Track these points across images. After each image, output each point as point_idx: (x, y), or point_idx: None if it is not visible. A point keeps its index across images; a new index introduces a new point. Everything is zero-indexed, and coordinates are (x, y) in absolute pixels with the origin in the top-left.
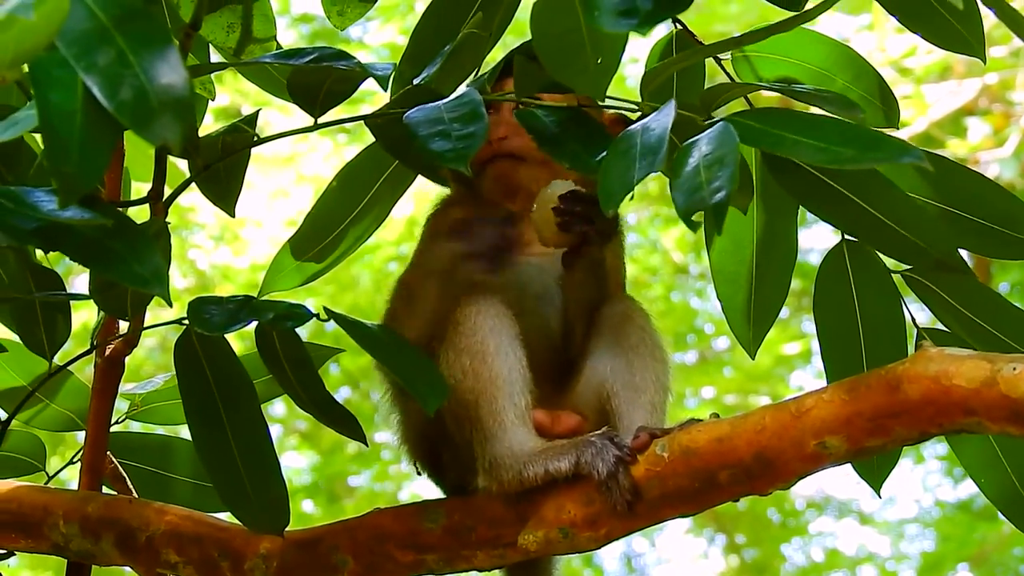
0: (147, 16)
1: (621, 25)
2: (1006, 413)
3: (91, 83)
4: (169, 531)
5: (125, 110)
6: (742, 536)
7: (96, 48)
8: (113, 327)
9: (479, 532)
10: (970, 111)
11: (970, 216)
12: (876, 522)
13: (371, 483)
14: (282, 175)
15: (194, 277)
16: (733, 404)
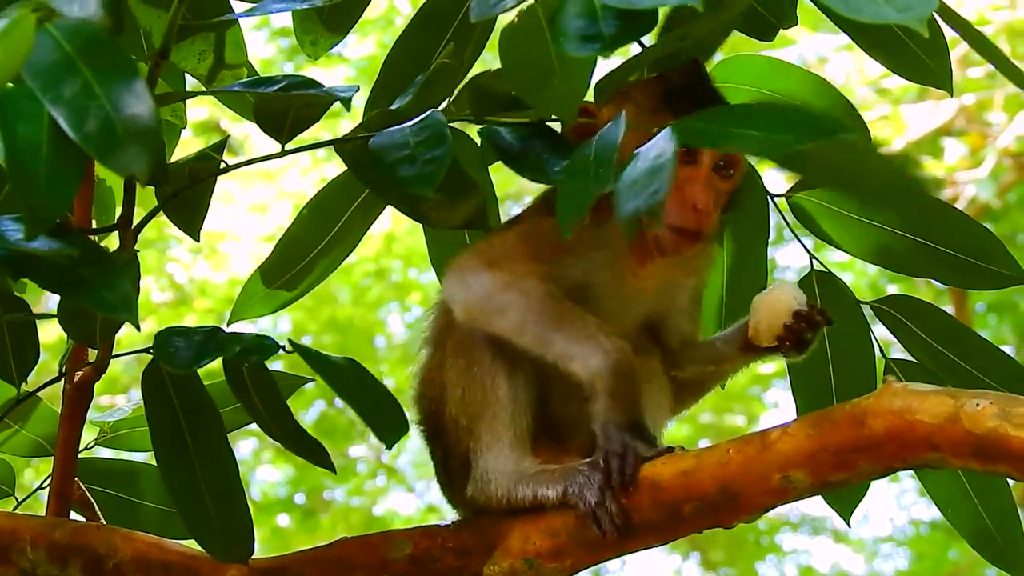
0: (113, 47)
1: (586, 49)
2: (969, 449)
3: (57, 114)
4: (136, 558)
5: (91, 141)
6: (717, 553)
7: (62, 79)
8: (82, 354)
9: (445, 562)
10: (947, 131)
11: (942, 248)
12: (850, 540)
13: (347, 497)
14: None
15: (172, 291)
16: (708, 422)
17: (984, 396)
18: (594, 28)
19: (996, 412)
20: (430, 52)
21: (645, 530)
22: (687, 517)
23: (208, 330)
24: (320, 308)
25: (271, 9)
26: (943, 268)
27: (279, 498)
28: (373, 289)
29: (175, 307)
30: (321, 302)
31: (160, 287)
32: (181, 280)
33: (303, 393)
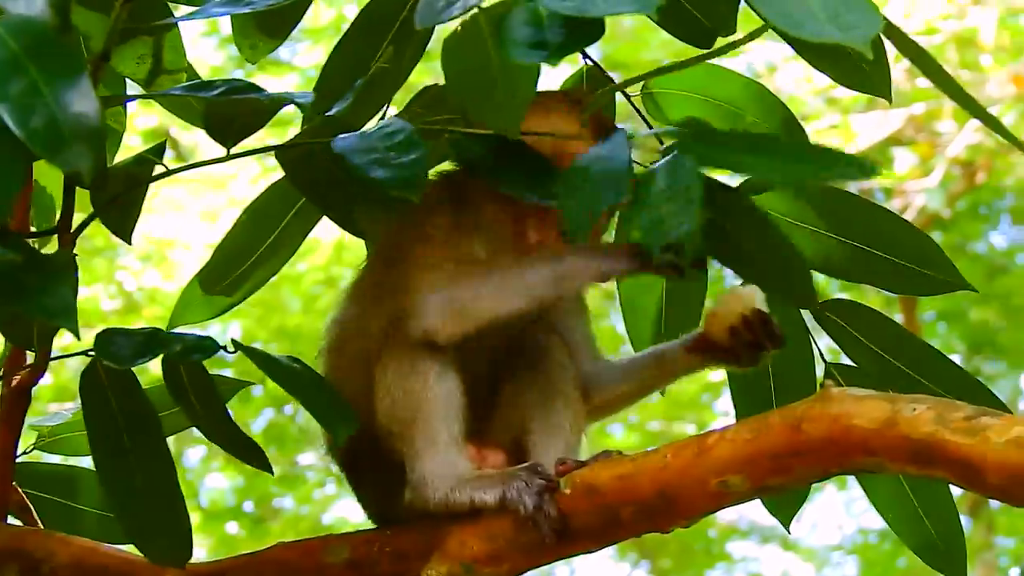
0: (60, 46)
1: (532, 57)
2: (906, 453)
3: (2, 111)
4: (73, 563)
5: (36, 138)
6: (666, 561)
7: (8, 77)
8: (20, 358)
9: (382, 567)
10: (897, 141)
11: (884, 255)
12: (800, 548)
13: (296, 505)
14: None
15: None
16: (658, 430)
17: (922, 401)
18: (540, 36)
19: (933, 417)
20: (369, 57)
21: (583, 534)
22: (625, 521)
23: (150, 330)
24: (270, 316)
25: (210, 13)
26: (883, 274)
27: (228, 506)
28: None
29: (124, 315)
30: (271, 310)
31: (109, 295)
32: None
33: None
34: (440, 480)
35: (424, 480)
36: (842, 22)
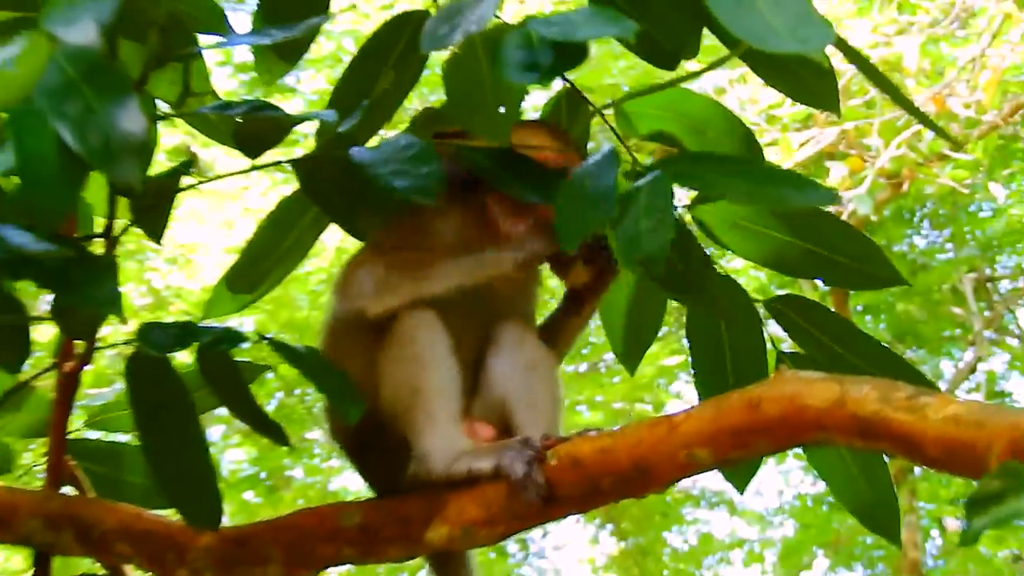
0: (110, 71)
1: (525, 78)
2: (854, 429)
3: (62, 130)
4: (120, 528)
5: (92, 154)
6: (628, 524)
7: (66, 99)
8: (70, 347)
9: (390, 529)
10: (831, 155)
11: (825, 252)
12: (744, 512)
13: (305, 476)
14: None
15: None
16: (620, 409)
17: (867, 383)
18: (532, 58)
19: (878, 397)
20: (373, 81)
21: (567, 501)
22: (604, 490)
23: (184, 323)
24: (280, 311)
25: (234, 43)
26: (829, 271)
27: (246, 476)
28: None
29: (153, 310)
30: (281, 306)
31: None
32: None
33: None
34: (441, 453)
35: (427, 454)
36: (799, 35)
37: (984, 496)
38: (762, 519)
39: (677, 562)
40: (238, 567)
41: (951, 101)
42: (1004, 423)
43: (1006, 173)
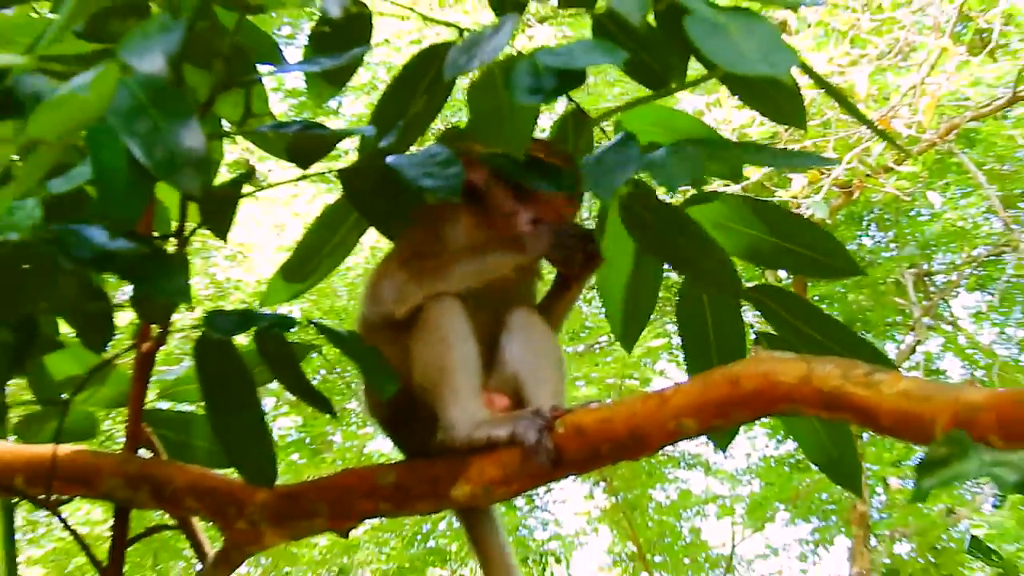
0: (174, 96)
1: (532, 99)
2: (819, 402)
3: (133, 146)
4: (189, 485)
5: (159, 166)
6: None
7: (136, 120)
8: (147, 331)
9: (420, 488)
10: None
11: (794, 247)
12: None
13: (344, 440)
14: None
15: (214, 288)
16: (612, 384)
17: (830, 362)
18: (538, 83)
19: (839, 374)
20: (407, 104)
21: (572, 463)
22: (604, 454)
23: (244, 311)
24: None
25: (289, 69)
26: (796, 262)
27: (293, 440)
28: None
29: (215, 299)
30: (324, 296)
31: (205, 285)
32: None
33: (310, 363)
34: (464, 423)
35: (452, 424)
36: (768, 60)
37: (932, 461)
38: (732, 478)
39: (660, 515)
40: (289, 520)
41: (895, 122)
42: (948, 398)
43: (942, 183)
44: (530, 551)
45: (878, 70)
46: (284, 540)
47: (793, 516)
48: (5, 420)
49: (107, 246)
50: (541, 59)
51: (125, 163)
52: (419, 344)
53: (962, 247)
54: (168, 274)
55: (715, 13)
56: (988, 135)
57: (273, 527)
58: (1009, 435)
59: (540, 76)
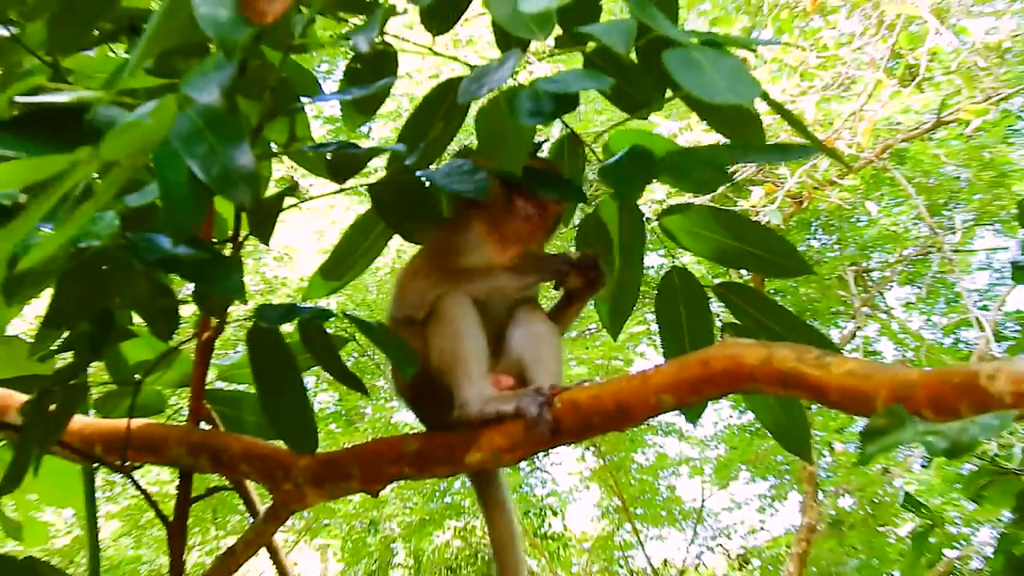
0: (228, 121)
1: (533, 121)
2: (777, 381)
3: (193, 165)
4: (242, 452)
5: (214, 182)
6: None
7: (195, 143)
8: (207, 321)
9: (439, 454)
10: (751, 181)
11: (754, 250)
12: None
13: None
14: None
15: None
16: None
17: (786, 346)
18: (538, 106)
19: (794, 357)
20: (427, 127)
21: (568, 433)
22: (595, 425)
23: (289, 304)
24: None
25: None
26: (755, 263)
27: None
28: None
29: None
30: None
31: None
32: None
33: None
34: (475, 400)
35: (465, 401)
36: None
37: (874, 430)
38: (702, 443)
39: (641, 474)
40: (327, 482)
41: (838, 143)
42: (887, 376)
43: (877, 194)
44: (531, 505)
45: (823, 99)
46: (323, 499)
47: (753, 475)
48: (87, 398)
49: (172, 251)
50: (540, 86)
51: (186, 180)
52: (436, 335)
53: (895, 248)
54: (225, 274)
55: (690, 49)
56: (916, 154)
57: (314, 488)
58: (938, 408)
59: (540, 100)
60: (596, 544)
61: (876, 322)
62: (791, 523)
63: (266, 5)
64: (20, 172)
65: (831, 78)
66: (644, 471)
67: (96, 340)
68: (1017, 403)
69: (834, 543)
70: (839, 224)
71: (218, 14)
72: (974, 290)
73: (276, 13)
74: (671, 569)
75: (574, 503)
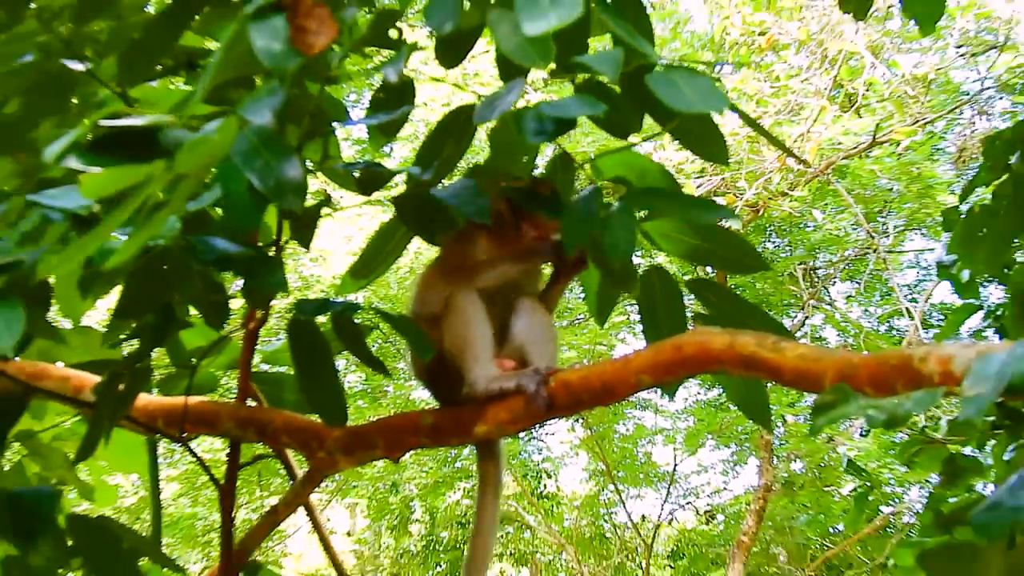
0: (279, 140)
1: (538, 139)
2: (740, 363)
3: (251, 176)
4: (283, 425)
5: (270, 192)
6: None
7: (253, 158)
8: (253, 313)
9: (451, 427)
10: (715, 193)
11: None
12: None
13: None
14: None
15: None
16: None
17: (747, 334)
18: (541, 127)
19: (755, 343)
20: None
21: (561, 407)
22: (584, 401)
23: (323, 299)
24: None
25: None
26: (720, 261)
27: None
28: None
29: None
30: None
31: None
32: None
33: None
34: (482, 380)
35: (474, 380)
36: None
37: (823, 405)
38: (674, 416)
39: (622, 443)
40: (356, 450)
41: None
42: (833, 359)
43: (822, 204)
44: (529, 469)
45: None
46: (352, 465)
47: (718, 443)
48: (150, 379)
49: (226, 251)
50: (543, 109)
51: (246, 190)
52: (449, 325)
53: (837, 249)
54: (271, 271)
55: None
56: (855, 169)
57: (344, 456)
58: (878, 386)
59: (543, 122)
60: (584, 502)
61: (822, 312)
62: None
63: (314, 40)
64: (104, 182)
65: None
66: (625, 440)
67: (159, 330)
68: (944, 381)
69: (787, 501)
70: (790, 229)
71: (272, 47)
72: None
73: (321, 47)
74: (648, 523)
75: (565, 467)
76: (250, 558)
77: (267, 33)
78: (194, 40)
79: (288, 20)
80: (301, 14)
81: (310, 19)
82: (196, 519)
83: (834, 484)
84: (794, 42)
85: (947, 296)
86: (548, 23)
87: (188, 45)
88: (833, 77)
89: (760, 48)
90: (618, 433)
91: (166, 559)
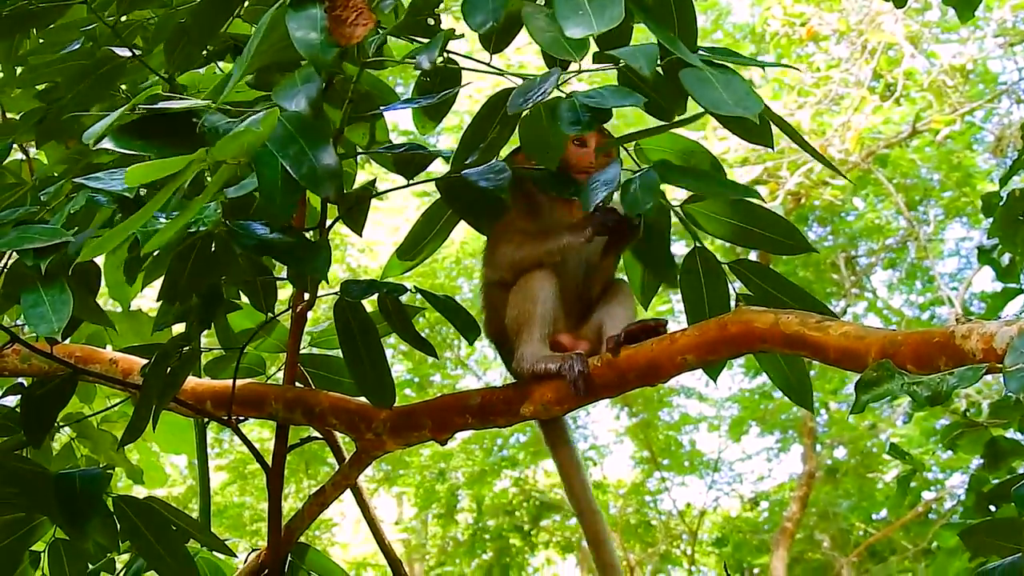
0: (315, 127)
1: (574, 129)
2: (783, 342)
3: (286, 163)
4: (331, 406)
5: (304, 178)
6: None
7: (288, 145)
8: (300, 296)
9: (498, 407)
10: (757, 181)
11: (763, 231)
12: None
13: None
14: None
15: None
16: None
17: (791, 313)
18: (577, 116)
19: (798, 321)
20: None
21: (605, 389)
22: (630, 381)
23: (370, 280)
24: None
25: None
26: (765, 242)
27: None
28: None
29: None
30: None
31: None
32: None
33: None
34: (530, 357)
35: (523, 356)
36: (742, 105)
37: (867, 382)
38: (718, 404)
39: (667, 431)
40: (403, 431)
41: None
42: (876, 336)
43: (863, 193)
44: None
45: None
46: (400, 447)
47: (761, 430)
48: (199, 361)
49: (266, 236)
50: (579, 99)
51: (280, 176)
52: (514, 300)
53: (878, 238)
54: (312, 256)
55: (703, 69)
56: (895, 158)
57: (392, 437)
58: (920, 363)
59: (578, 112)
60: (630, 490)
61: (863, 301)
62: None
63: (351, 30)
64: (147, 172)
65: (823, 95)
66: (669, 427)
67: (206, 312)
68: (987, 357)
69: (830, 488)
70: (831, 218)
71: (310, 36)
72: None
73: (359, 37)
74: (693, 511)
75: (611, 455)
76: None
77: (304, 22)
78: (242, 28)
79: (325, 9)
80: (339, 3)
81: (347, 8)
82: (244, 507)
83: (877, 471)
84: (834, 33)
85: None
86: (589, 29)
87: (234, 32)
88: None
89: (801, 39)
90: (662, 421)
91: (216, 540)
